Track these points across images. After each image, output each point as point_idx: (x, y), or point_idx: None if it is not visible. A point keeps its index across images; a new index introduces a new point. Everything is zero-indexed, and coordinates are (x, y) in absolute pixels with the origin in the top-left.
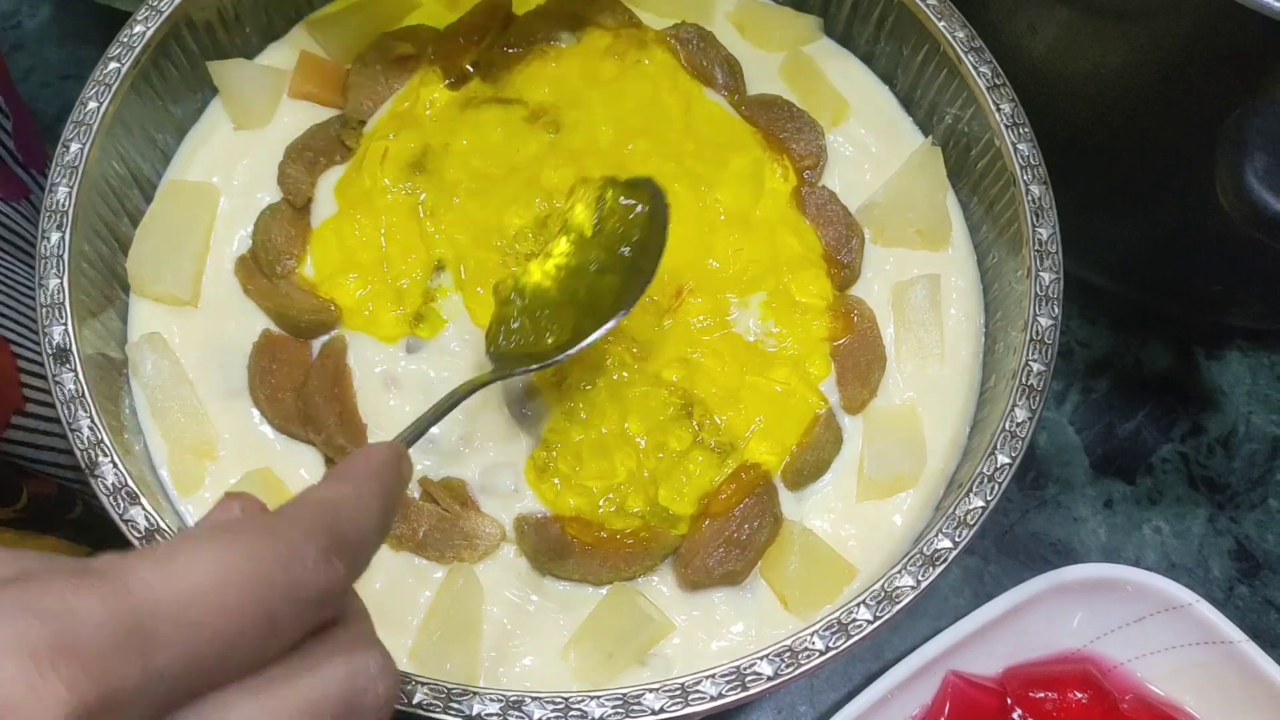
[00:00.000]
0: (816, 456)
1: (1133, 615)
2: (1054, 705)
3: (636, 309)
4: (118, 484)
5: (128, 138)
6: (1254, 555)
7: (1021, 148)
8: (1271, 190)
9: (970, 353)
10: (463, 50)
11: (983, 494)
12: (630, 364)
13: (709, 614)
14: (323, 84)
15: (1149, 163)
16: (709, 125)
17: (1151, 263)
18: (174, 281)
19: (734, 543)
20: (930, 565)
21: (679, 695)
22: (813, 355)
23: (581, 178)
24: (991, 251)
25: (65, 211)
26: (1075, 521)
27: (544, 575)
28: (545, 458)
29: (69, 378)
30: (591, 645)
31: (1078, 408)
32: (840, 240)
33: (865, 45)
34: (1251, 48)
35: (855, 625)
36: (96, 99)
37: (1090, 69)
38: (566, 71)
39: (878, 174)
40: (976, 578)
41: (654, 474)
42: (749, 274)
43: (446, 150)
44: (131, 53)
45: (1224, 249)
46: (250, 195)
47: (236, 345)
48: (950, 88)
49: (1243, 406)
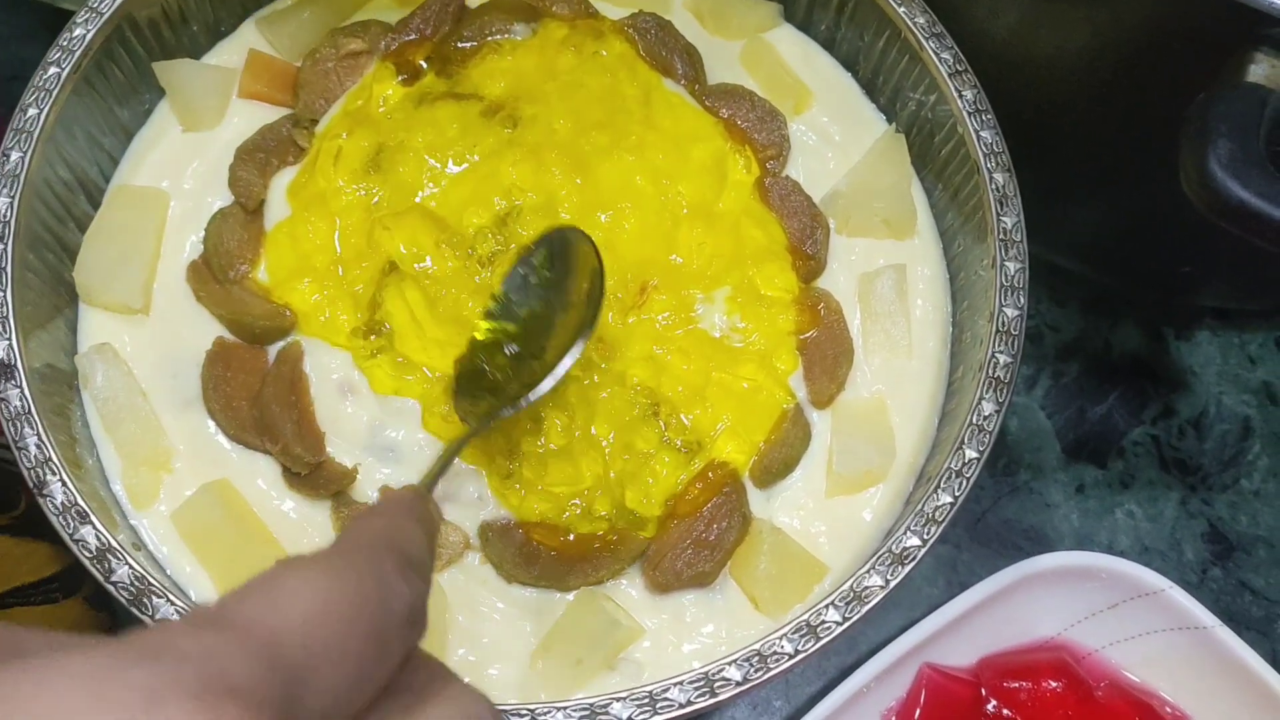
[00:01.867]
0: (785, 453)
1: (1106, 602)
2: (1028, 695)
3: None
4: (67, 503)
5: (71, 143)
6: (1227, 537)
7: (985, 135)
8: (1234, 177)
9: (938, 343)
10: (416, 45)
11: (951, 490)
12: (597, 364)
13: (679, 616)
14: (273, 83)
15: (1114, 146)
16: (669, 116)
17: (1120, 245)
18: (124, 290)
19: (703, 543)
20: (899, 564)
21: (647, 703)
22: (779, 350)
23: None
24: (957, 239)
25: (7, 222)
26: (1048, 507)
27: (510, 583)
28: (509, 466)
29: (14, 394)
30: (560, 652)
31: (1049, 392)
32: (805, 231)
33: (826, 31)
34: (1215, 31)
35: (824, 627)
36: (37, 105)
37: (1053, 52)
38: (522, 64)
39: (841, 162)
40: (950, 566)
41: (620, 476)
42: (713, 268)
43: (401, 148)
44: (72, 56)
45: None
46: (201, 199)
47: (190, 354)
48: (913, 74)
49: (1213, 387)
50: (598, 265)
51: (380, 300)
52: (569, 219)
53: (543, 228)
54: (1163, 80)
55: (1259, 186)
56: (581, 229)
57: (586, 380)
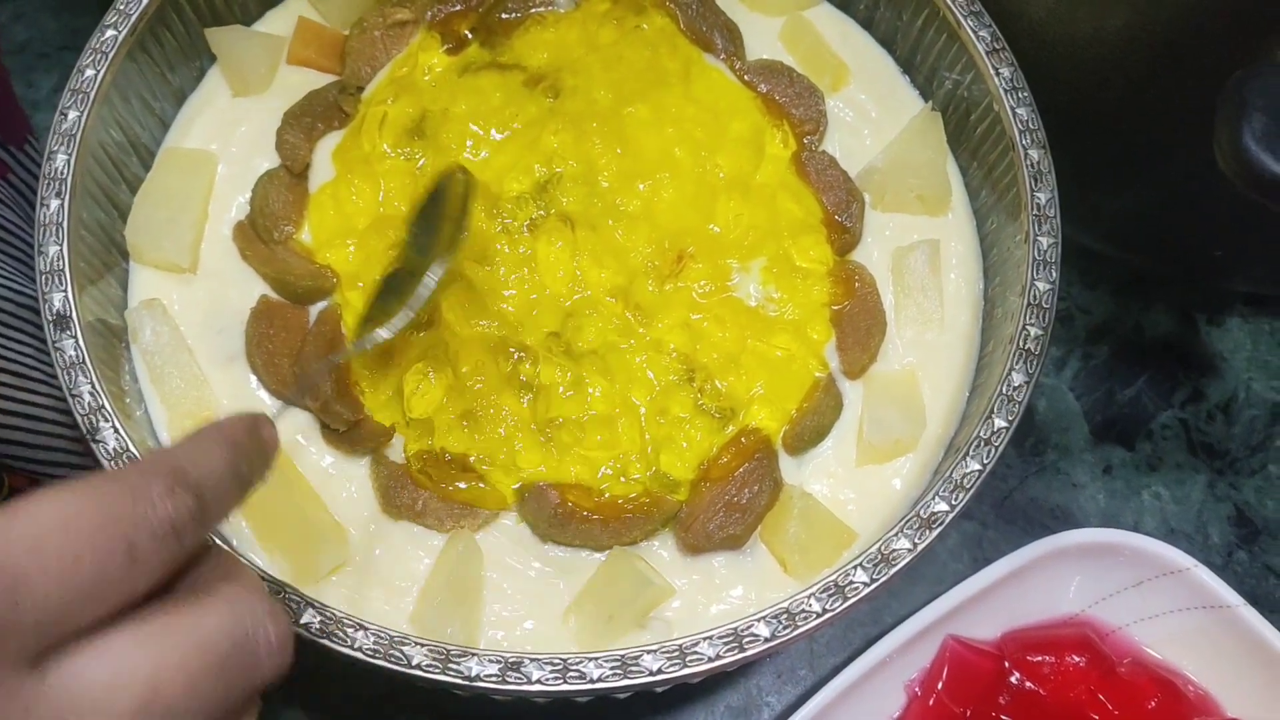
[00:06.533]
0: (817, 421)
1: (1131, 580)
2: (1051, 669)
3: (639, 274)
4: (119, 448)
5: (125, 105)
6: (1253, 521)
7: (1020, 112)
8: (1269, 151)
9: (969, 318)
10: (461, 16)
11: (979, 457)
12: (634, 328)
13: (709, 578)
14: (321, 50)
15: (1150, 127)
16: (709, 91)
17: (1152, 228)
18: (173, 248)
19: (734, 507)
20: (927, 528)
21: (677, 656)
22: (813, 320)
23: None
24: (991, 217)
25: (64, 179)
26: (1074, 487)
27: (545, 542)
28: (547, 429)
29: (69, 344)
30: (592, 609)
31: (1078, 374)
32: (840, 205)
33: (865, 9)
34: (1252, 8)
35: (852, 588)
36: (94, 66)
37: (1091, 31)
38: (565, 36)
39: (878, 139)
40: (975, 543)
41: (655, 440)
42: (750, 239)
43: (445, 115)
44: (128, 20)
45: (1225, 214)
46: (248, 162)
47: (235, 311)
48: (950, 52)
49: (1243, 373)
50: (464, 190)
51: None
52: (608, 187)
53: (581, 195)
54: (1200, 60)
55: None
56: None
57: (624, 345)
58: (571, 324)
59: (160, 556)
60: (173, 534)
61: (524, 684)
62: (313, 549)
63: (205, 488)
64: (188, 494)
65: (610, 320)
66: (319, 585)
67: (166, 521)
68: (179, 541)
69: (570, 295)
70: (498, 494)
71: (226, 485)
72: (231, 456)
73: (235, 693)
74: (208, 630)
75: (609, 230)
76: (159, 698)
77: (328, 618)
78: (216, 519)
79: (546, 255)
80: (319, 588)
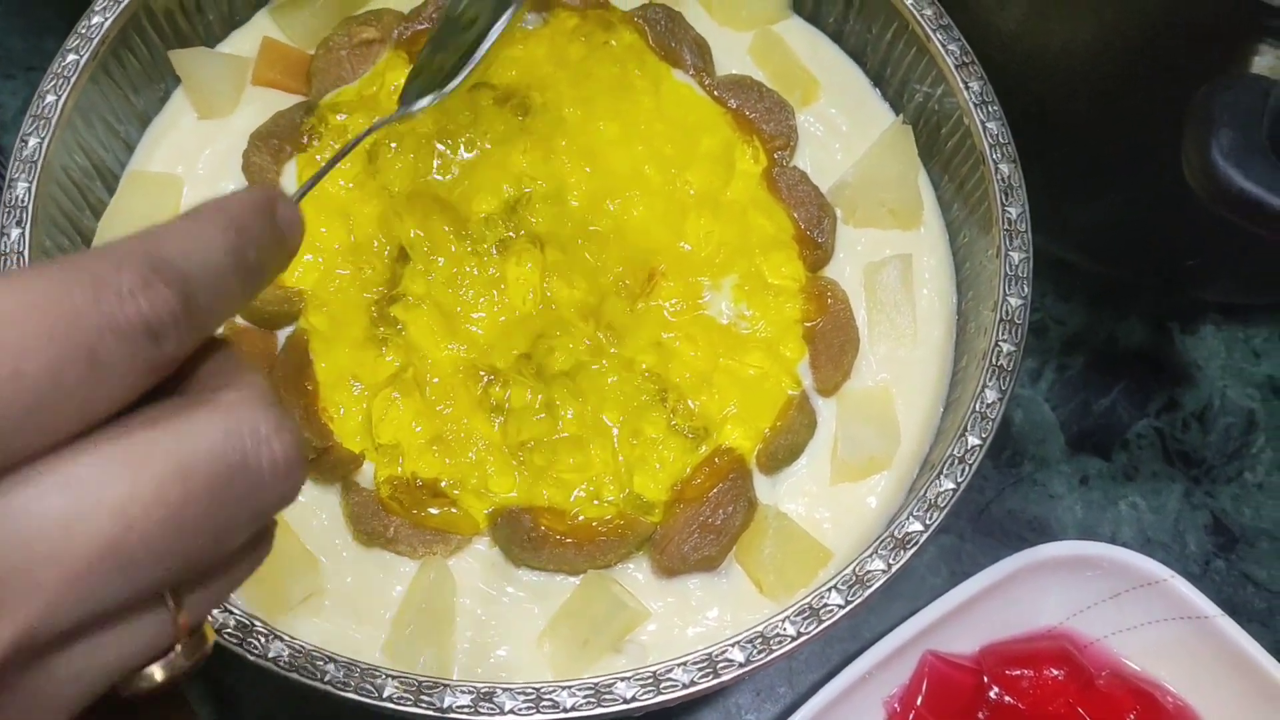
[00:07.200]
0: (790, 440)
1: (1109, 591)
2: (1030, 682)
3: (609, 293)
4: None
5: (88, 130)
6: (1230, 529)
7: (990, 126)
8: (1236, 167)
9: (943, 333)
10: (428, 34)
11: (953, 476)
12: (605, 349)
13: (684, 600)
14: (286, 70)
15: (1120, 139)
16: (678, 106)
17: (1124, 239)
18: None
19: (709, 528)
20: (901, 549)
21: (651, 684)
22: (786, 337)
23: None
24: (963, 230)
25: (25, 207)
26: (1051, 499)
27: (518, 566)
28: (519, 452)
29: None
30: (566, 634)
31: (1053, 385)
32: (812, 221)
33: (834, 23)
34: (1220, 23)
35: (826, 610)
36: (55, 92)
37: (1060, 45)
38: (533, 53)
39: (849, 153)
40: (953, 556)
41: (628, 461)
42: (721, 256)
43: (412, 134)
44: (90, 44)
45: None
46: (215, 184)
47: None
48: (920, 66)
49: (1218, 381)
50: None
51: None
52: (578, 206)
53: (551, 215)
54: (1169, 73)
55: (1260, 175)
56: None
57: (595, 365)
58: (542, 345)
59: (131, 364)
60: (147, 337)
61: (496, 714)
62: (284, 578)
63: (195, 280)
64: (168, 287)
65: (581, 341)
66: (291, 615)
67: (138, 321)
68: (157, 346)
69: (540, 316)
70: (470, 519)
71: (226, 278)
72: (234, 241)
73: (232, 527)
74: (194, 449)
75: (579, 250)
76: (132, 534)
77: (296, 650)
78: (211, 320)
79: (516, 276)
80: (291, 618)
